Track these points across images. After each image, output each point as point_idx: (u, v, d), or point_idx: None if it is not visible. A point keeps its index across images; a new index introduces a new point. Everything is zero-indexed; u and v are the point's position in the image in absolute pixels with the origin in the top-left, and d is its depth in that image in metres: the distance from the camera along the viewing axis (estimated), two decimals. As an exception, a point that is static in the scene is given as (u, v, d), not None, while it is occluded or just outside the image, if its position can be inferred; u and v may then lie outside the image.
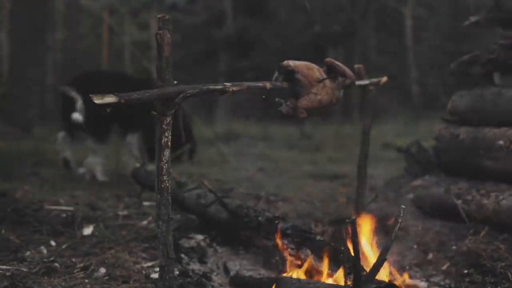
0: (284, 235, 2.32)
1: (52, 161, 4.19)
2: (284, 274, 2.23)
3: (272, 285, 2.02)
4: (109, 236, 2.80)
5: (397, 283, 2.01)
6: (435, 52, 15.79)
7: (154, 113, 1.71)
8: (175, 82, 1.72)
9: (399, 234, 1.83)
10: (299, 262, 2.25)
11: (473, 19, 3.38)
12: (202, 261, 2.53)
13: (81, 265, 2.36)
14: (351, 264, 1.73)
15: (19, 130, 7.66)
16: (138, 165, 3.71)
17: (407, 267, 2.48)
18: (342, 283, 1.96)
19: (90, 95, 1.58)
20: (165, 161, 1.72)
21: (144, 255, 2.54)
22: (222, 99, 16.18)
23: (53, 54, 15.20)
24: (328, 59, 2.12)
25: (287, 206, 3.85)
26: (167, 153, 1.72)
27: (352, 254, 1.67)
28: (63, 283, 2.13)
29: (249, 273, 2.40)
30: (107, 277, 2.24)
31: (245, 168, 5.87)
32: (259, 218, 2.49)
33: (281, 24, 17.47)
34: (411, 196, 3.49)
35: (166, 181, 1.73)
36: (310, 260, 2.20)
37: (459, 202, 3.08)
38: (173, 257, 1.75)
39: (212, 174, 5.34)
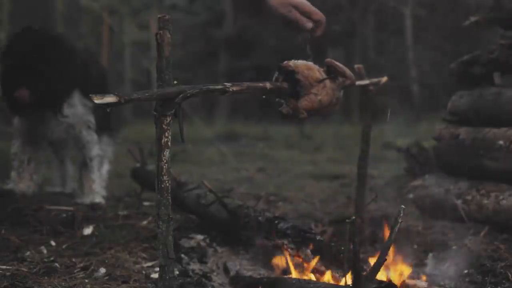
0: (284, 235, 2.32)
1: (51, 161, 4.19)
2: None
3: (272, 285, 2.02)
4: (109, 236, 2.80)
5: (396, 283, 2.01)
6: (435, 52, 15.79)
7: (155, 113, 1.70)
8: (175, 82, 1.72)
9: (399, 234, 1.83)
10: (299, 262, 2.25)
11: (473, 19, 3.38)
12: (202, 261, 2.53)
13: (81, 265, 2.36)
14: (351, 264, 1.73)
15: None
16: (138, 164, 3.71)
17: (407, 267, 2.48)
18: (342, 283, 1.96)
19: (90, 95, 1.58)
20: (165, 161, 1.72)
21: (144, 255, 2.54)
22: (222, 99, 16.19)
23: (53, 54, 15.18)
24: (328, 60, 2.12)
25: (287, 206, 3.86)
26: (167, 153, 1.72)
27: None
28: (63, 283, 2.13)
29: (249, 273, 2.40)
30: (107, 277, 2.24)
31: (245, 168, 5.88)
32: (259, 218, 2.49)
33: (281, 24, 17.44)
34: (411, 196, 3.49)
35: (166, 181, 1.72)
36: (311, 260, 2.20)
37: (459, 202, 3.08)
38: (173, 257, 1.75)
39: (212, 174, 5.35)
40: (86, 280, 2.19)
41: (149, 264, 2.44)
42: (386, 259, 1.63)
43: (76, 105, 3.31)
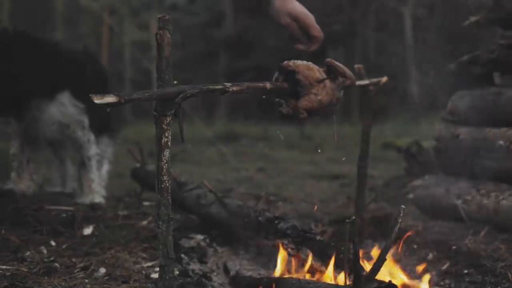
0: (284, 235, 2.32)
1: (51, 161, 4.19)
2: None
3: (272, 285, 2.02)
4: (109, 236, 2.80)
5: (396, 283, 2.01)
6: (435, 52, 15.80)
7: (155, 113, 1.70)
8: (175, 82, 1.72)
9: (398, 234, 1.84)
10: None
11: (473, 19, 3.38)
12: (202, 261, 2.53)
13: (81, 265, 2.36)
14: (351, 264, 1.73)
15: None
16: (138, 164, 3.71)
17: (407, 267, 2.48)
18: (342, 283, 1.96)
19: (90, 95, 1.58)
20: (165, 161, 1.72)
21: (144, 255, 2.54)
22: (222, 99, 16.19)
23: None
24: (328, 60, 2.12)
25: (287, 206, 3.86)
26: (167, 153, 1.72)
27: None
28: (63, 283, 2.13)
29: (249, 273, 2.40)
30: (107, 277, 2.24)
31: (245, 168, 5.88)
32: (259, 218, 2.49)
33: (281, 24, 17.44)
34: (411, 196, 3.49)
35: (166, 181, 1.72)
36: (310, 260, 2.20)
37: (459, 202, 3.08)
38: (173, 257, 1.75)
39: (212, 174, 5.35)
40: (86, 280, 2.18)
41: (149, 264, 2.44)
42: (386, 259, 1.63)
43: (66, 105, 3.32)
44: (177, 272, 2.24)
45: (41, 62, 3.22)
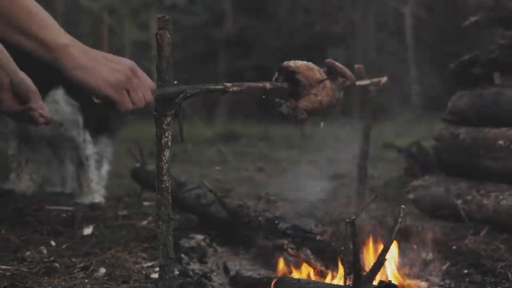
0: (284, 235, 2.32)
1: (51, 161, 4.18)
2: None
3: (272, 285, 2.02)
4: (109, 236, 2.80)
5: (396, 283, 2.01)
6: (435, 52, 15.80)
7: (155, 113, 1.70)
8: (175, 82, 1.72)
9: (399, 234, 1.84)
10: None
11: (473, 19, 3.38)
12: (202, 261, 2.53)
13: (81, 265, 2.36)
14: (351, 264, 1.73)
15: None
16: (138, 164, 3.71)
17: (407, 267, 2.48)
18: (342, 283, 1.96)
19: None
20: (165, 161, 1.72)
21: (144, 255, 2.54)
22: (222, 99, 16.19)
23: (53, 54, 15.16)
24: (328, 60, 2.12)
25: (287, 206, 3.85)
26: (167, 153, 1.72)
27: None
28: (63, 283, 2.13)
29: (249, 273, 2.40)
30: (107, 277, 2.24)
31: (245, 168, 5.88)
32: (259, 218, 2.49)
33: (281, 24, 17.47)
34: (411, 196, 3.49)
35: (166, 181, 1.72)
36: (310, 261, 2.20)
37: (459, 202, 3.08)
38: (173, 257, 1.75)
39: (212, 174, 5.35)
40: (86, 280, 2.18)
41: (149, 264, 2.44)
42: (386, 259, 1.63)
43: (59, 102, 3.27)
44: (177, 272, 2.24)
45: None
